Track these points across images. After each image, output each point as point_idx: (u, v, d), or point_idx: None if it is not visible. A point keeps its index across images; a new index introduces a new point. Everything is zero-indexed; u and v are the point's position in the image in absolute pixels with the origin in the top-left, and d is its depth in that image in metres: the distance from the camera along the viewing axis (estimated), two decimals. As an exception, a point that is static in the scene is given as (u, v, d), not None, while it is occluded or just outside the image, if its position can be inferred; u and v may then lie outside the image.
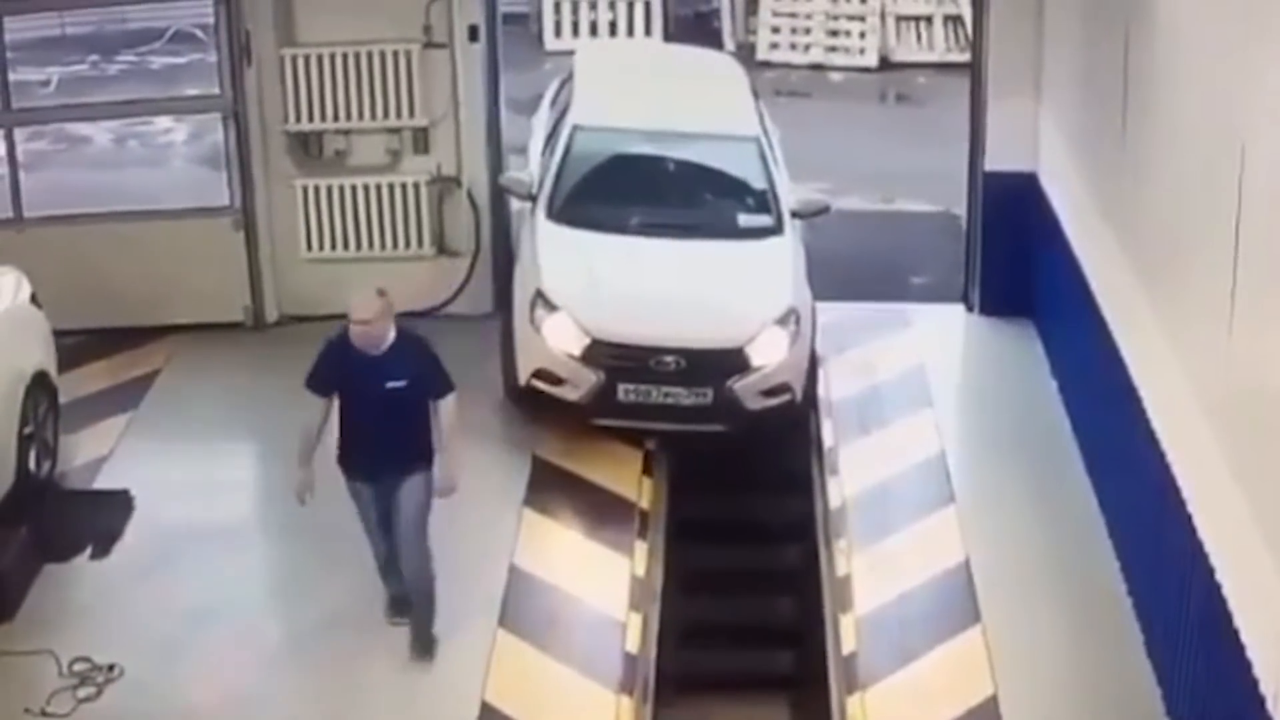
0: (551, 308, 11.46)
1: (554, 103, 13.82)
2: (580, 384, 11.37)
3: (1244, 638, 7.65)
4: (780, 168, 12.75)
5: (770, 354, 11.48)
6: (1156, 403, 9.42)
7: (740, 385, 11.40)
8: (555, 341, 11.42)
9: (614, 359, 11.30)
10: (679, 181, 12.65)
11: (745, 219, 12.31)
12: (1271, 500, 7.39)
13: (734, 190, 12.56)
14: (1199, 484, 8.52)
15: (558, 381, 11.44)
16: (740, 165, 12.58)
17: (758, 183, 12.45)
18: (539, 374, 11.49)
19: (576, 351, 11.37)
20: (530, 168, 13.04)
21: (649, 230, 12.03)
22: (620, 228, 12.03)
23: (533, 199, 12.33)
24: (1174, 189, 9.19)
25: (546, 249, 11.91)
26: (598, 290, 11.60)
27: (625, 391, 11.33)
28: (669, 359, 11.27)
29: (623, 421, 11.47)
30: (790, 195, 12.50)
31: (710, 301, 11.62)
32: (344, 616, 9.86)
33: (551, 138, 12.93)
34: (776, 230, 12.20)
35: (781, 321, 11.57)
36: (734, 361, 11.38)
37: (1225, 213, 7.99)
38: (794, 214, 12.37)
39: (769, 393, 11.51)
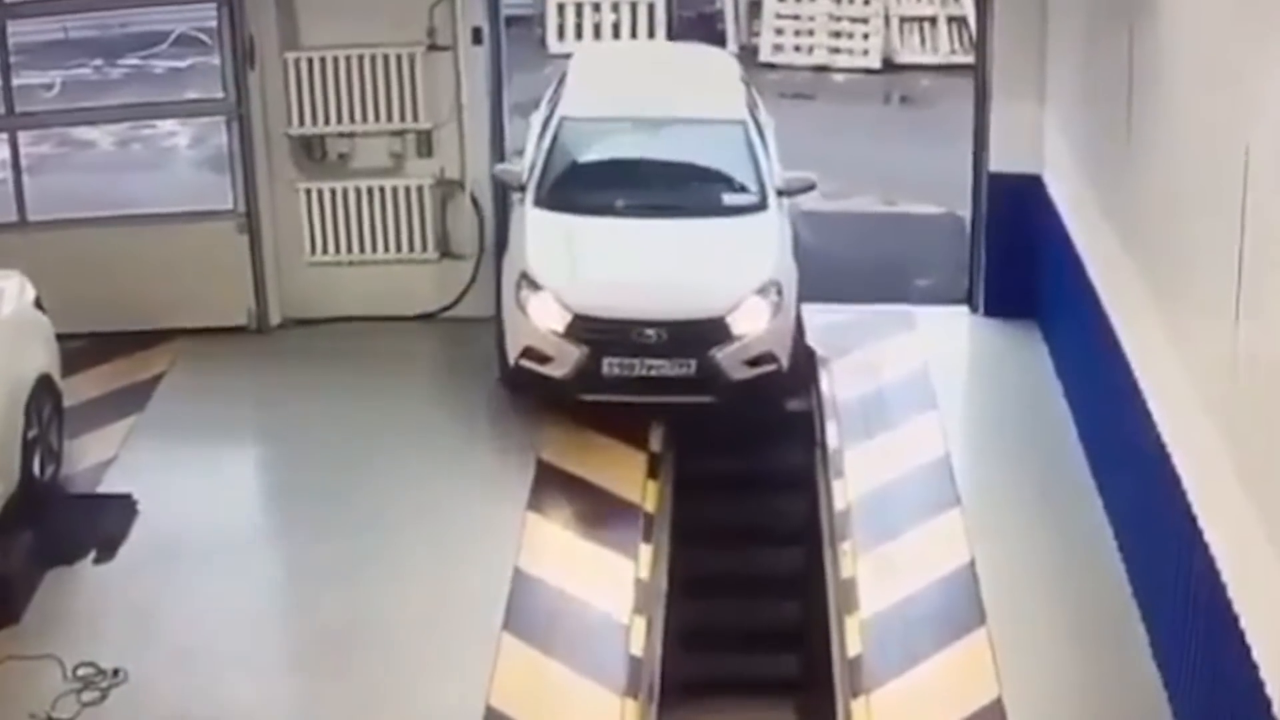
0: (535, 288, 11.65)
1: (549, 100, 13.90)
2: (566, 360, 11.52)
3: (1249, 639, 7.64)
4: (769, 150, 12.84)
5: (751, 323, 11.60)
6: (1161, 403, 9.41)
7: (723, 355, 11.51)
8: (539, 319, 11.60)
9: (596, 333, 11.46)
10: (664, 165, 12.79)
11: (730, 197, 12.46)
12: (1277, 501, 7.37)
13: (718, 171, 12.69)
14: (1204, 485, 8.51)
15: (545, 360, 11.60)
16: (726, 147, 12.68)
17: (743, 163, 12.55)
18: (526, 353, 11.66)
19: (560, 328, 11.53)
20: (524, 161, 13.13)
21: (633, 211, 12.22)
22: (605, 210, 12.21)
23: (523, 189, 12.44)
24: (1178, 190, 9.18)
25: (533, 233, 12.08)
26: (580, 268, 11.78)
27: (610, 365, 11.48)
28: (649, 331, 11.42)
29: (609, 396, 11.60)
30: (778, 176, 12.58)
31: (691, 274, 11.79)
32: (349, 621, 9.86)
33: (543, 130, 13.04)
34: (761, 207, 12.31)
35: (762, 291, 11.68)
36: (715, 332, 11.51)
37: (1230, 213, 7.98)
38: (780, 192, 12.45)
39: (752, 362, 11.63)
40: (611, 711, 9.22)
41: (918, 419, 12.00)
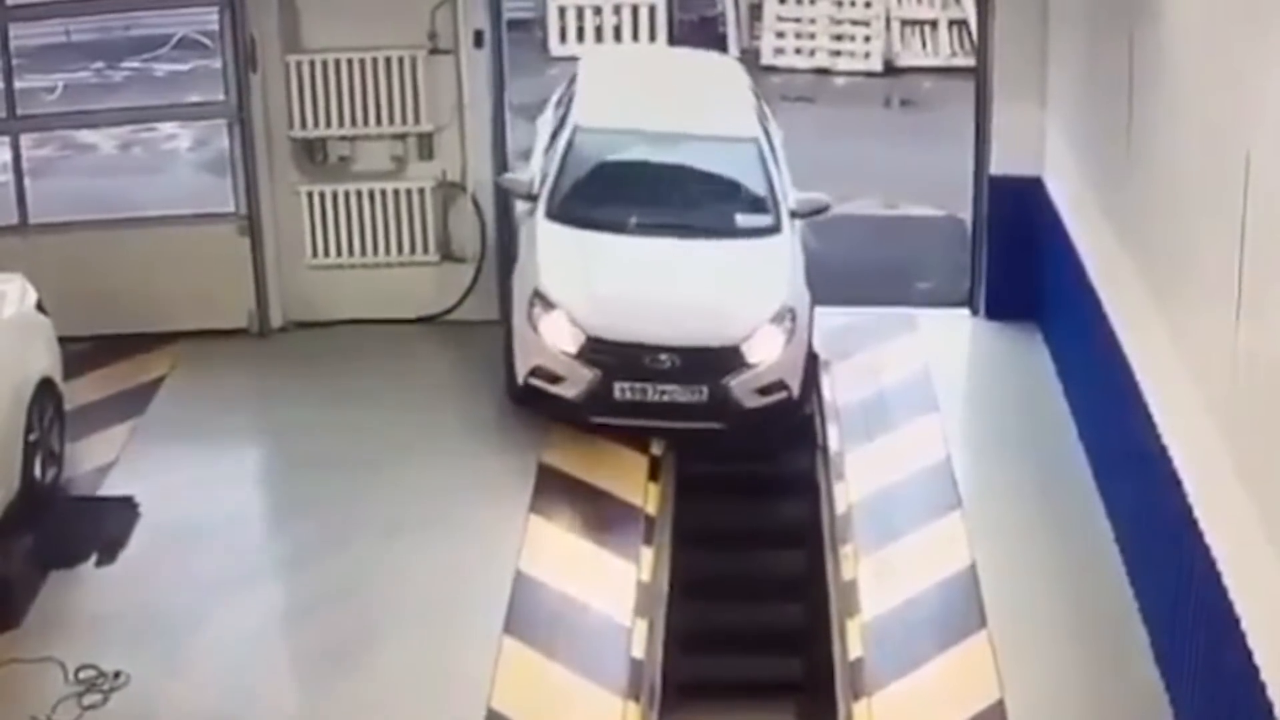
0: (549, 306, 11.55)
1: (558, 105, 13.86)
2: (577, 382, 11.44)
3: (1251, 642, 7.64)
4: (781, 168, 12.77)
5: (765, 352, 11.54)
6: (1162, 406, 9.41)
7: (736, 383, 11.46)
8: (552, 339, 11.50)
9: (610, 356, 11.38)
10: (678, 182, 12.68)
11: (743, 218, 12.36)
12: (1278, 501, 7.37)
13: (732, 190, 12.60)
14: (1205, 486, 8.51)
15: (555, 379, 11.52)
16: (739, 166, 12.61)
17: (756, 183, 12.48)
18: (536, 372, 11.58)
19: (573, 349, 11.44)
20: (531, 168, 13.08)
21: (647, 230, 12.11)
22: (619, 227, 12.10)
23: (532, 199, 12.39)
24: (1179, 193, 9.18)
25: (545, 248, 11.98)
26: (594, 288, 11.67)
27: (622, 389, 11.40)
28: (664, 357, 11.35)
29: (620, 419, 11.53)
30: (790, 196, 12.53)
31: (706, 300, 11.69)
32: (351, 624, 9.86)
33: (553, 139, 12.98)
34: (775, 229, 12.24)
35: (777, 319, 11.62)
36: (729, 359, 11.45)
37: (1230, 217, 7.98)
38: (793, 214, 12.40)
39: (765, 390, 11.58)
40: (613, 714, 9.22)
41: (919, 421, 11.99)
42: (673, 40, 20.50)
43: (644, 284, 11.77)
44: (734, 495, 11.93)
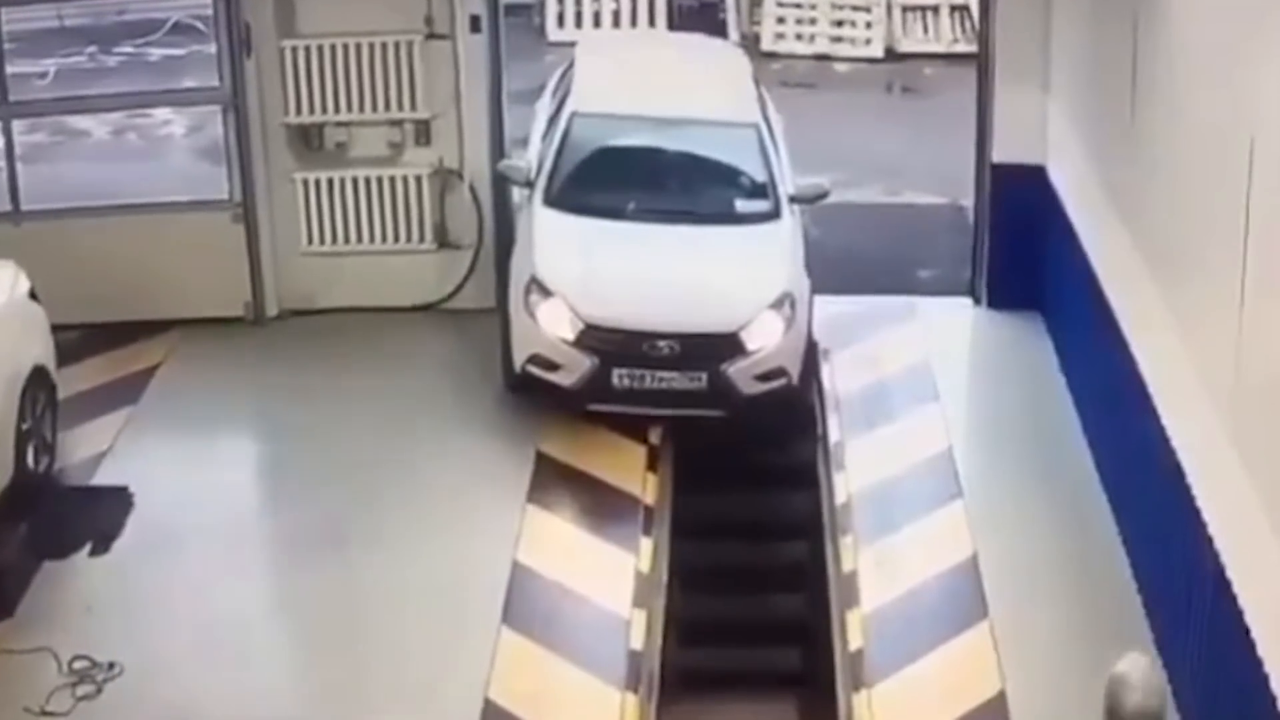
0: (546, 293, 11.49)
1: (556, 91, 13.80)
2: (575, 369, 11.38)
3: (1254, 634, 7.61)
4: (781, 154, 12.71)
5: (764, 338, 11.49)
6: (1165, 396, 9.37)
7: (735, 369, 11.40)
8: (549, 327, 11.45)
9: (607, 344, 11.33)
10: (677, 168, 12.63)
11: (743, 204, 12.31)
12: (1285, 495, 7.33)
13: (732, 176, 12.54)
14: (1208, 477, 8.47)
15: (553, 367, 11.46)
16: (739, 151, 12.55)
17: (756, 169, 12.42)
18: (534, 360, 11.51)
19: (570, 336, 11.39)
20: (529, 155, 13.01)
21: (645, 216, 12.06)
22: (617, 213, 12.05)
23: (530, 185, 12.32)
24: (1182, 180, 9.13)
25: (542, 235, 11.92)
26: (592, 275, 11.61)
27: (620, 376, 11.35)
28: (662, 343, 11.30)
29: (618, 407, 11.47)
30: (790, 181, 12.46)
31: (704, 286, 11.65)
32: (346, 614, 9.82)
33: (551, 125, 12.91)
34: (774, 215, 12.18)
35: (776, 305, 11.56)
36: (728, 346, 11.40)
37: (1234, 204, 7.94)
38: (793, 199, 12.34)
39: (764, 377, 11.52)
40: (611, 705, 9.17)
41: (920, 411, 11.94)
42: (672, 26, 20.46)
43: (642, 270, 11.72)
44: (733, 485, 11.87)
